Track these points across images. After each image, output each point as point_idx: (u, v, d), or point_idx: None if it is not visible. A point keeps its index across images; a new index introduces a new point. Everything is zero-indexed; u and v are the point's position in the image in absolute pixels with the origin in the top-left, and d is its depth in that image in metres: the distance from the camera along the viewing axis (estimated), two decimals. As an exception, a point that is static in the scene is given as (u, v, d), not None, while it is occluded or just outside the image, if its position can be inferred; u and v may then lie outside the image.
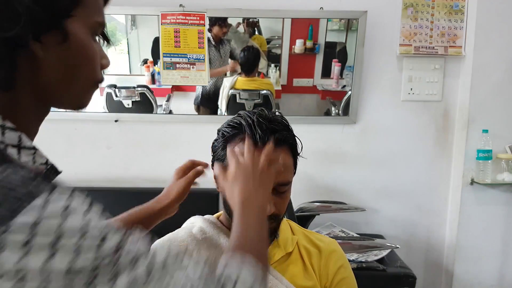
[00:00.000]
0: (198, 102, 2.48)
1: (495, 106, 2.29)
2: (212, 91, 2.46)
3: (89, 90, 0.63)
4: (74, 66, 0.58)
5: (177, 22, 2.21)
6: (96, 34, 0.64)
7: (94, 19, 0.62)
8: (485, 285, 2.47)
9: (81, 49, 0.58)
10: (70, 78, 0.58)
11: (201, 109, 2.49)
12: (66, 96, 0.60)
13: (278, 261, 1.00)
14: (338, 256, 1.05)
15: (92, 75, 0.61)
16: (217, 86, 2.45)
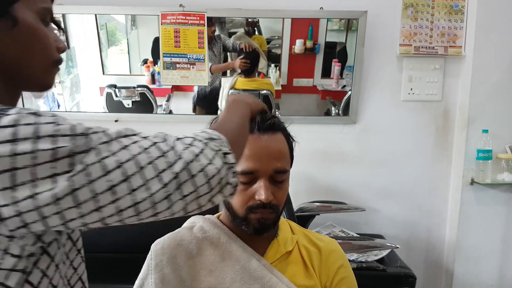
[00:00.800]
0: (194, 102, 2.48)
1: (495, 106, 2.29)
2: (208, 91, 2.46)
3: (48, 70, 0.70)
4: (27, 47, 0.66)
5: (177, 22, 2.21)
6: (45, 19, 0.70)
7: (39, 5, 0.68)
8: (485, 284, 2.47)
9: (31, 32, 0.66)
10: (25, 59, 0.66)
11: (197, 109, 2.49)
12: (27, 77, 0.68)
13: (278, 260, 1.00)
14: (338, 255, 1.05)
15: (46, 54, 0.69)
16: (213, 86, 2.45)
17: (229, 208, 0.97)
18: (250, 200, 0.93)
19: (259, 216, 0.94)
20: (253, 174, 0.93)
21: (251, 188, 0.93)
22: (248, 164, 0.92)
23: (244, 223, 0.96)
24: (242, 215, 0.95)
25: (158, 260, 0.96)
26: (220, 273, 0.95)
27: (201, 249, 0.98)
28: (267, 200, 0.91)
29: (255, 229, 0.95)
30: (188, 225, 1.06)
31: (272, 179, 0.94)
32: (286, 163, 0.96)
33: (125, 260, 2.26)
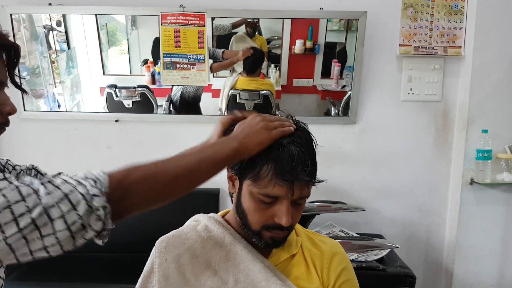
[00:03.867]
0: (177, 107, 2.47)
1: (494, 106, 2.29)
2: (191, 100, 2.45)
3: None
4: None
5: (177, 22, 2.22)
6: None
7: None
8: (484, 284, 2.47)
9: None
10: None
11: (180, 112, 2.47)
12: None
13: (282, 263, 1.01)
14: (341, 258, 1.05)
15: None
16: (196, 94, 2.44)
17: (242, 218, 0.96)
18: (268, 219, 0.92)
19: (273, 235, 0.93)
20: (277, 198, 0.90)
21: (271, 208, 0.91)
22: (274, 190, 0.88)
23: (256, 237, 0.95)
24: (256, 230, 0.94)
25: (163, 258, 0.96)
26: (224, 274, 0.95)
27: (206, 249, 0.98)
28: (287, 225, 0.90)
29: (267, 245, 0.95)
30: (192, 223, 1.05)
31: (294, 202, 0.92)
32: (310, 188, 0.94)
33: (125, 260, 2.27)
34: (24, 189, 0.66)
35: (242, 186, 0.94)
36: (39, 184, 0.68)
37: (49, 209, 0.66)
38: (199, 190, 1.11)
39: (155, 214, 2.38)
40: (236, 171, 0.94)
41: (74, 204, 0.67)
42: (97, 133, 2.38)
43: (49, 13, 2.35)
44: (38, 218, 0.65)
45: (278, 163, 0.88)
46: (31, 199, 0.66)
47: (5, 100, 0.79)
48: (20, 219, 0.64)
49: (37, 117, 2.37)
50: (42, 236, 0.66)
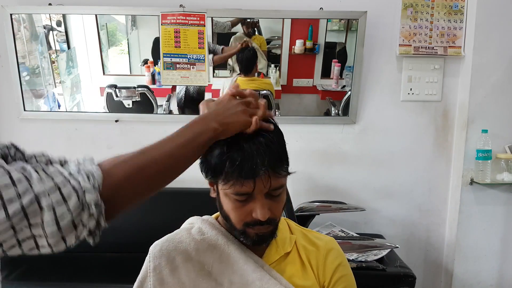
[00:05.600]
0: (182, 105, 2.48)
1: (494, 106, 2.30)
2: (195, 95, 2.46)
3: None
4: None
5: (177, 22, 2.22)
6: None
7: None
8: (484, 284, 2.47)
9: None
10: None
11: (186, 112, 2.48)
12: None
13: (277, 261, 1.00)
14: (336, 254, 1.05)
15: None
16: (200, 90, 2.44)
17: (227, 219, 0.96)
18: (246, 217, 0.91)
19: (256, 231, 0.93)
20: (249, 194, 0.89)
21: (247, 205, 0.90)
22: (243, 187, 0.87)
23: (242, 236, 0.95)
24: (240, 229, 0.94)
25: (157, 262, 0.96)
26: (218, 275, 0.96)
27: (199, 251, 0.98)
28: (264, 219, 0.89)
29: (253, 242, 0.95)
30: (187, 226, 1.06)
31: (269, 195, 0.91)
32: (283, 177, 0.92)
33: (125, 260, 2.27)
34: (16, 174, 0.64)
35: (218, 189, 0.94)
36: (32, 169, 0.66)
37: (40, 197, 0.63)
38: (199, 190, 1.10)
39: (155, 214, 2.39)
40: (210, 177, 0.94)
41: (65, 197, 0.65)
42: (97, 133, 2.38)
43: (49, 13, 2.35)
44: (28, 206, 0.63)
45: (237, 162, 0.87)
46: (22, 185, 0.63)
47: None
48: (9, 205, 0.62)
49: (37, 117, 2.37)
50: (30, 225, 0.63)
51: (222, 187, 0.91)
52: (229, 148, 0.88)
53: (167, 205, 2.26)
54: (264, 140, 0.89)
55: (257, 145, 0.87)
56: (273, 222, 0.95)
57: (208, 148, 0.89)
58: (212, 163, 0.91)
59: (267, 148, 0.88)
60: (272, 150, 0.89)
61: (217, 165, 0.89)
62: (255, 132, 0.89)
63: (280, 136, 0.93)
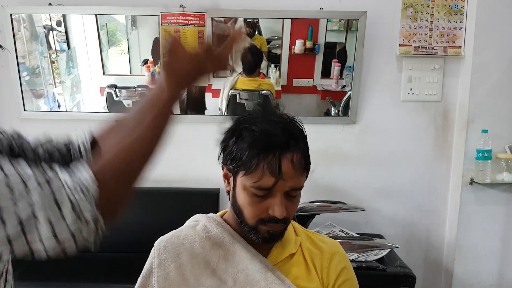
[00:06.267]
0: (184, 107, 2.48)
1: (494, 106, 2.30)
2: (197, 95, 2.46)
3: None
4: None
5: (177, 22, 2.22)
6: None
7: None
8: (484, 284, 2.47)
9: None
10: None
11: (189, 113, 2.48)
12: None
13: (282, 262, 1.00)
14: (341, 258, 1.05)
15: None
16: (201, 90, 2.44)
17: (239, 214, 0.96)
18: (262, 213, 0.92)
19: (269, 228, 0.93)
20: (269, 190, 0.90)
21: (264, 201, 0.91)
22: (265, 180, 0.89)
23: (253, 232, 0.95)
24: (252, 225, 0.94)
25: (162, 258, 0.96)
26: (223, 273, 0.96)
27: (205, 249, 0.98)
28: (281, 216, 0.90)
29: (264, 239, 0.95)
30: (191, 224, 1.06)
31: (287, 194, 0.92)
32: (303, 179, 0.94)
33: (125, 260, 2.27)
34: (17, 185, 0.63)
35: (236, 182, 0.94)
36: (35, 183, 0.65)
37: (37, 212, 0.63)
38: (199, 190, 1.10)
39: (155, 214, 2.40)
40: (232, 166, 0.94)
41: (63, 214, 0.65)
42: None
43: (49, 13, 2.35)
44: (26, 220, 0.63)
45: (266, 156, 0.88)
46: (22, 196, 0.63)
47: None
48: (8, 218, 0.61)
49: (37, 117, 2.37)
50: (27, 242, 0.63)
51: (243, 179, 0.92)
52: (257, 141, 0.89)
53: (167, 205, 2.26)
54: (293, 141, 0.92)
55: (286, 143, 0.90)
56: (287, 222, 0.95)
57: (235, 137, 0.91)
58: (237, 152, 0.91)
59: (295, 148, 0.91)
60: (299, 151, 0.92)
61: (243, 156, 0.90)
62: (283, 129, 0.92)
63: (305, 138, 0.97)
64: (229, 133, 0.96)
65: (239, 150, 0.91)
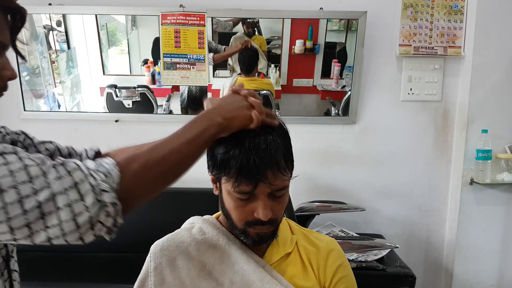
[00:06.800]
0: (185, 105, 2.48)
1: (494, 106, 2.30)
2: (198, 94, 2.46)
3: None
4: None
5: (177, 22, 2.22)
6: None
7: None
8: (484, 284, 2.47)
9: None
10: None
11: (189, 112, 2.49)
12: None
13: (278, 262, 1.00)
14: (337, 255, 1.05)
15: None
16: (202, 89, 2.44)
17: (228, 218, 0.95)
18: (248, 216, 0.91)
19: (258, 231, 0.93)
20: (251, 193, 0.89)
21: (249, 204, 0.90)
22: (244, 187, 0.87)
23: (243, 235, 0.95)
24: (241, 228, 0.94)
25: (157, 262, 0.96)
26: (219, 275, 0.96)
27: (200, 251, 0.98)
28: (266, 219, 0.89)
29: (254, 242, 0.95)
30: (187, 226, 1.06)
31: (272, 195, 0.90)
32: (286, 178, 0.91)
33: (125, 260, 2.27)
34: (34, 169, 0.64)
35: (221, 187, 0.94)
36: (51, 165, 0.66)
37: (57, 196, 0.64)
38: (199, 190, 1.10)
39: (155, 214, 2.39)
40: (214, 173, 0.93)
41: (83, 195, 0.65)
42: (97, 133, 2.38)
43: (49, 13, 2.35)
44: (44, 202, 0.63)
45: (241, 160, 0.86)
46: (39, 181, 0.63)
47: (6, 64, 0.75)
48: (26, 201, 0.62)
49: (37, 117, 2.37)
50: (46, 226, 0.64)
51: (225, 185, 0.91)
52: (235, 145, 0.88)
53: (167, 205, 2.26)
54: (270, 140, 0.88)
55: (263, 144, 0.87)
56: (275, 223, 0.94)
57: (216, 143, 0.90)
58: (217, 159, 0.90)
59: (272, 148, 0.88)
60: (277, 151, 0.88)
61: (222, 161, 0.89)
62: (261, 129, 0.88)
63: (286, 137, 0.93)
64: None
65: (218, 156, 0.90)
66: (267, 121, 0.90)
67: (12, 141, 0.92)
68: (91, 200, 0.66)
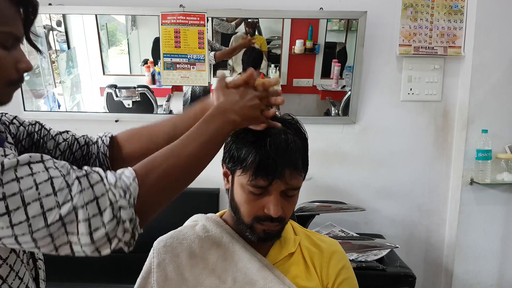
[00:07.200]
0: (188, 106, 2.48)
1: (494, 106, 2.30)
2: (202, 94, 2.46)
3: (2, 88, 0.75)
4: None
5: (177, 22, 2.22)
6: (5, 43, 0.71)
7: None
8: (484, 284, 2.47)
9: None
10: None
11: None
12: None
13: (281, 261, 1.01)
14: (340, 256, 1.05)
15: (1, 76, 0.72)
16: (206, 90, 2.45)
17: (236, 212, 0.96)
18: (258, 211, 0.92)
19: (265, 227, 0.94)
20: (265, 188, 0.91)
21: (261, 199, 0.91)
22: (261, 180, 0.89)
23: (249, 231, 0.95)
24: (248, 223, 0.94)
25: (161, 258, 0.97)
26: (222, 273, 0.96)
27: (203, 249, 0.98)
28: (276, 215, 0.90)
29: (260, 238, 0.95)
30: (191, 224, 1.06)
31: (284, 194, 0.92)
32: (300, 179, 0.95)
33: (125, 260, 2.27)
34: (58, 181, 0.65)
35: (234, 180, 0.95)
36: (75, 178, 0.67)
37: (78, 210, 0.65)
38: (199, 190, 1.10)
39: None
40: (230, 165, 0.95)
41: (101, 210, 0.66)
42: (97, 133, 2.38)
43: (49, 13, 2.35)
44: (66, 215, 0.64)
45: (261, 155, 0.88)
46: (63, 194, 0.64)
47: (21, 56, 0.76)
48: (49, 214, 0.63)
49: (37, 117, 2.33)
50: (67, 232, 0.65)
51: (240, 177, 0.92)
52: (256, 141, 0.90)
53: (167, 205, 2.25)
54: (291, 141, 0.91)
55: (284, 144, 0.90)
56: (282, 222, 0.95)
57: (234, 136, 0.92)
58: (235, 152, 0.92)
59: (293, 148, 0.91)
60: (297, 152, 0.92)
61: (240, 154, 0.91)
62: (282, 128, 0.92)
63: (305, 142, 0.96)
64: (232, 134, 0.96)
65: (237, 149, 0.92)
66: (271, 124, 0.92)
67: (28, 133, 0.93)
68: (108, 217, 0.67)
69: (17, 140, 0.92)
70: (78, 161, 1.01)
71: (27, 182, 0.63)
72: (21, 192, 0.62)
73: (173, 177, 0.77)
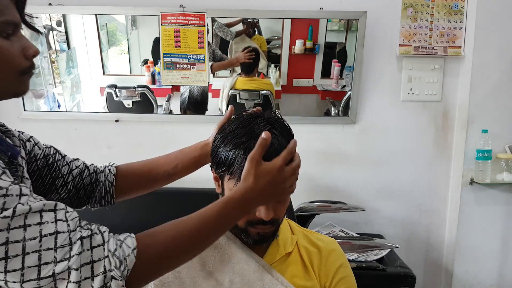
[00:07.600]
0: (184, 107, 2.48)
1: (494, 106, 2.30)
2: (199, 96, 2.46)
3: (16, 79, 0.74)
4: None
5: (177, 22, 2.22)
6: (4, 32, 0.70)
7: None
8: (484, 284, 2.47)
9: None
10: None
11: (188, 113, 2.49)
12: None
13: (278, 261, 1.00)
14: (338, 255, 1.05)
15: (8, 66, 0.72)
16: (204, 92, 2.45)
17: None
18: (250, 215, 0.92)
19: (259, 230, 0.94)
20: None
21: None
22: None
23: (243, 234, 0.95)
24: (242, 227, 0.94)
25: None
26: (219, 275, 0.96)
27: None
28: (268, 219, 0.90)
29: (254, 241, 0.95)
30: None
31: None
32: None
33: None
34: (63, 237, 0.66)
35: (224, 185, 0.94)
36: (79, 238, 0.67)
37: (72, 271, 0.65)
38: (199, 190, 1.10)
39: (155, 214, 2.38)
40: (217, 171, 0.94)
41: (94, 275, 0.67)
42: (97, 133, 2.38)
43: (49, 13, 2.35)
44: (59, 273, 0.65)
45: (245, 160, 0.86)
46: (63, 251, 0.65)
47: (26, 43, 0.75)
48: (43, 267, 0.64)
49: (37, 117, 2.37)
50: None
51: (228, 183, 0.92)
52: (240, 145, 0.89)
53: (167, 205, 2.25)
54: (276, 143, 0.89)
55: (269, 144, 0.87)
56: (276, 223, 0.95)
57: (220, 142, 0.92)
58: (222, 158, 0.91)
59: (277, 149, 0.89)
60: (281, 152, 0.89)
61: (226, 160, 0.90)
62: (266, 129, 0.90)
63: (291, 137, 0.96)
64: (218, 138, 0.96)
65: (224, 154, 0.91)
66: None
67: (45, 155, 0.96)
68: (98, 284, 0.67)
69: (32, 158, 0.94)
70: (86, 187, 1.04)
71: (33, 231, 0.64)
72: (24, 240, 0.63)
73: (174, 256, 0.77)
